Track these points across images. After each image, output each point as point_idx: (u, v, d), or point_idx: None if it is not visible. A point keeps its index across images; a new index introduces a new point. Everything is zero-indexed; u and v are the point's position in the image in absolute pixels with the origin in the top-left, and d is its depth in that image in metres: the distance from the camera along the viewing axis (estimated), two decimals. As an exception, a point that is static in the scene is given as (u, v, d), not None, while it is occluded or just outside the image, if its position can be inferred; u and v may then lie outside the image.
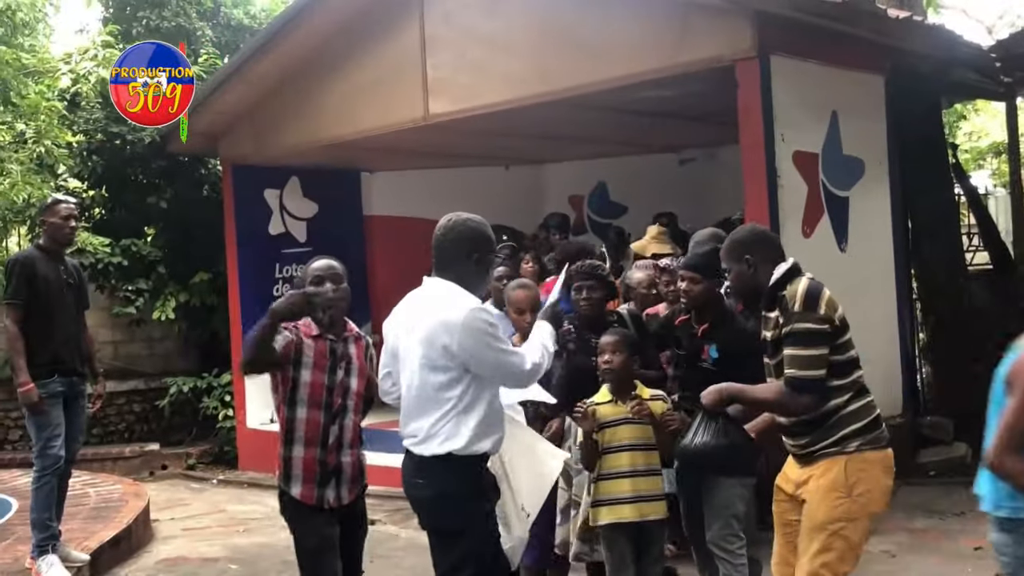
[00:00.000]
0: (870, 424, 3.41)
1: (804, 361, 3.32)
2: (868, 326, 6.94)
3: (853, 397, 3.40)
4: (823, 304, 3.36)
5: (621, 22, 6.56)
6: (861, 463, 3.37)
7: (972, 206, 9.30)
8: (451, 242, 3.52)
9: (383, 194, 10.53)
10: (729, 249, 3.64)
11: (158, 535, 7.07)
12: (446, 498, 3.43)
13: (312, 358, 3.95)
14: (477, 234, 3.55)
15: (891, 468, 3.48)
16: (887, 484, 3.46)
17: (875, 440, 3.41)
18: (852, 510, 3.36)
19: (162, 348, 10.71)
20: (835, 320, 3.37)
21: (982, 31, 20.82)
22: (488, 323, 3.39)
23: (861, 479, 3.36)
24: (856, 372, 3.43)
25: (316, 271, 4.08)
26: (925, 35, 7.14)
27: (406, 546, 6.34)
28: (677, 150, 10.53)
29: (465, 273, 3.50)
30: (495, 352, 3.39)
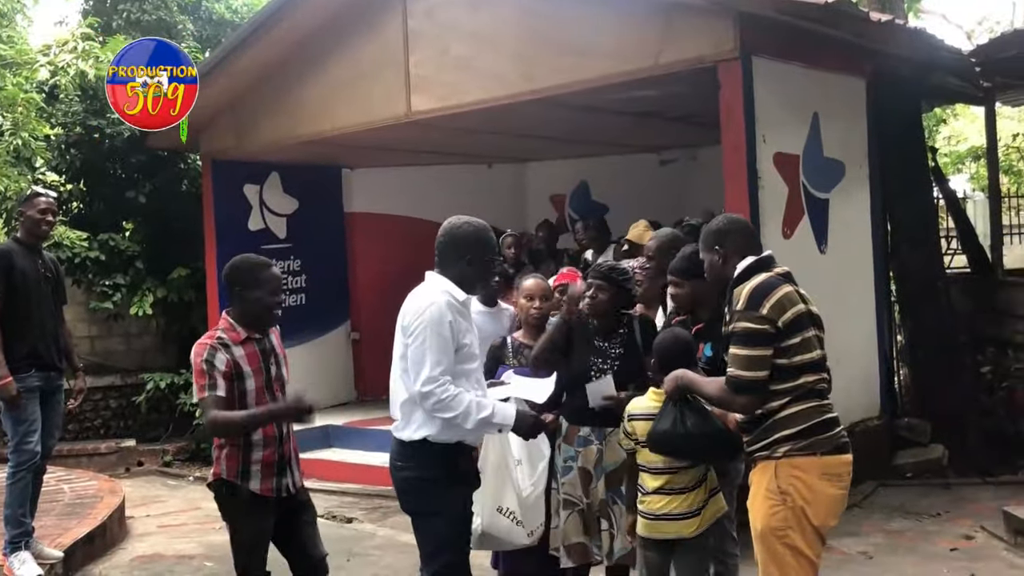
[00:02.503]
0: (808, 429, 3.28)
1: (743, 361, 3.27)
2: (847, 328, 7.00)
3: (792, 401, 3.29)
4: (768, 304, 3.28)
5: (604, 22, 6.56)
6: (792, 469, 3.26)
7: (951, 210, 9.36)
8: (447, 244, 3.70)
9: (364, 191, 10.49)
10: (703, 238, 3.64)
11: (133, 532, 7.02)
12: (422, 481, 3.59)
13: (249, 367, 3.90)
14: (472, 238, 3.70)
15: (836, 475, 3.32)
16: (831, 493, 3.30)
17: (812, 446, 3.27)
18: (790, 518, 3.26)
19: (139, 344, 10.63)
20: (779, 322, 3.27)
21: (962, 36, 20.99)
22: (439, 319, 3.49)
23: (795, 486, 3.25)
24: (804, 377, 3.31)
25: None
26: (906, 39, 7.17)
27: (383, 544, 6.31)
28: (658, 150, 10.55)
29: (460, 273, 3.66)
30: (423, 344, 3.48)
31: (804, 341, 3.32)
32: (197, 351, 3.84)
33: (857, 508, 6.55)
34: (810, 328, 3.36)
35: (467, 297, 3.67)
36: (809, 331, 3.35)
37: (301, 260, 10.03)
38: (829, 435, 3.32)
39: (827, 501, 3.29)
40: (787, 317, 3.28)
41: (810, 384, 3.32)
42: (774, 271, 3.44)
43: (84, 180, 10.26)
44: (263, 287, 3.92)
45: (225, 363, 3.79)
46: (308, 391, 3.88)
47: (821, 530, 3.32)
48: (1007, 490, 6.63)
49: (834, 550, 5.70)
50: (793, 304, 3.33)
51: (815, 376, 3.34)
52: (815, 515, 3.27)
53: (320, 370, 10.01)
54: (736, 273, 3.45)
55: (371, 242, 10.31)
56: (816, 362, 3.35)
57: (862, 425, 7.03)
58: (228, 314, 3.98)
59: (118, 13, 10.74)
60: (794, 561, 3.27)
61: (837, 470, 3.32)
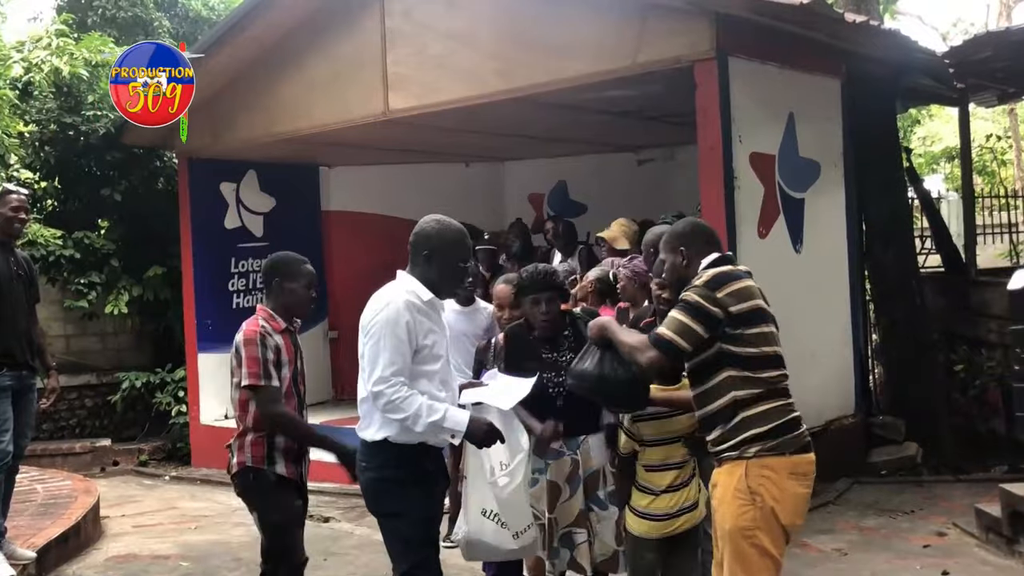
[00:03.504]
0: (776, 429, 3.28)
1: (675, 324, 3.28)
2: (822, 326, 7.07)
3: (760, 397, 3.29)
4: (726, 290, 3.29)
5: (581, 21, 6.58)
6: (761, 469, 3.26)
7: (925, 210, 9.44)
8: (414, 243, 3.65)
9: (342, 189, 10.47)
10: (666, 240, 3.63)
11: (108, 532, 6.97)
12: (384, 482, 3.56)
13: (287, 356, 4.10)
14: (434, 234, 3.62)
15: (804, 475, 3.34)
16: (799, 492, 3.32)
17: (781, 446, 3.28)
18: (759, 518, 3.25)
19: (115, 343, 10.56)
20: (731, 308, 3.27)
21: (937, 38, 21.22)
22: (395, 320, 3.44)
23: (764, 486, 3.25)
24: (771, 371, 3.33)
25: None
26: (881, 40, 7.23)
27: (360, 544, 6.30)
28: (636, 150, 10.58)
29: (424, 273, 3.60)
30: (377, 343, 3.44)
31: (763, 334, 3.34)
32: (249, 337, 4.00)
33: (832, 505, 6.61)
34: (769, 324, 3.39)
35: (432, 297, 3.58)
36: (768, 326, 3.37)
37: (278, 259, 9.97)
38: (796, 434, 3.33)
39: (795, 500, 3.31)
40: (743, 307, 3.30)
41: (774, 381, 3.33)
42: (738, 267, 3.49)
43: (59, 178, 10.19)
44: (300, 279, 4.16)
45: (274, 350, 4.00)
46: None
47: (788, 529, 3.32)
48: (979, 487, 6.68)
49: (809, 547, 5.75)
50: (752, 297, 3.35)
51: (777, 372, 3.35)
52: (784, 515, 3.27)
53: (297, 369, 9.98)
54: (705, 266, 3.47)
55: (349, 241, 10.29)
56: (777, 357, 3.38)
57: (837, 423, 7.08)
58: (265, 305, 4.18)
59: (93, 9, 10.68)
60: (760, 561, 3.27)
61: (804, 469, 3.34)
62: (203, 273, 9.45)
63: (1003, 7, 21.87)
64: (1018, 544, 5.37)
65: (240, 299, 9.70)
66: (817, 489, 6.61)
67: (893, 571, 5.40)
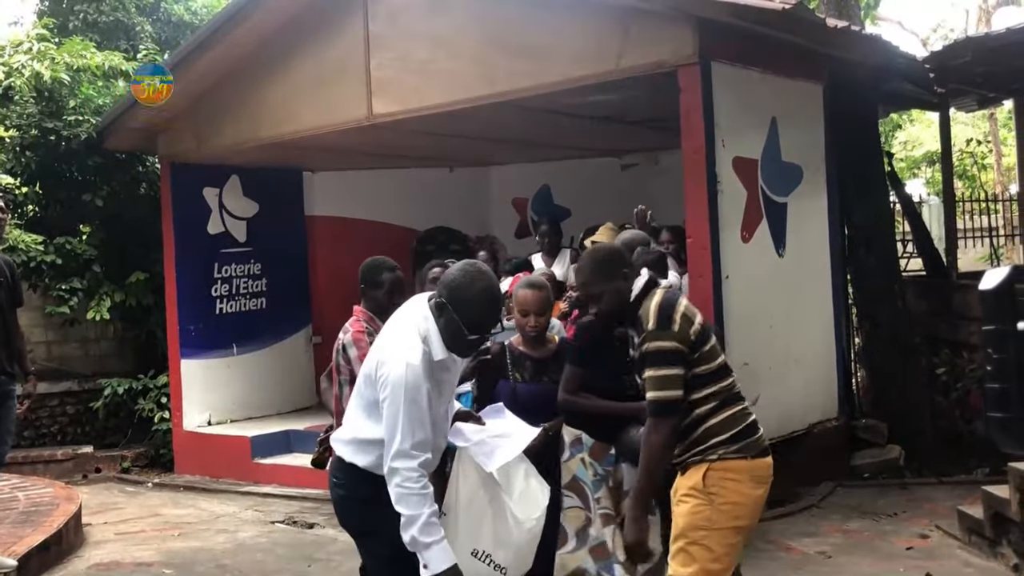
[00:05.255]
0: (738, 433, 3.30)
1: (658, 383, 3.23)
2: (805, 330, 7.10)
3: (720, 407, 3.31)
4: (677, 319, 3.26)
5: (565, 26, 6.59)
6: (723, 471, 3.27)
7: (907, 214, 9.49)
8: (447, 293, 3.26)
9: (326, 194, 10.44)
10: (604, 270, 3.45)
11: (90, 539, 6.92)
12: (353, 501, 3.45)
13: None
14: (462, 304, 3.22)
15: (763, 478, 3.35)
16: (756, 495, 3.32)
17: (744, 449, 3.30)
18: (713, 518, 3.25)
19: (97, 349, 10.49)
20: (691, 335, 3.27)
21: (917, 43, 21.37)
22: (415, 387, 3.18)
23: (724, 488, 3.26)
24: (724, 380, 3.34)
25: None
26: (862, 45, 7.27)
27: (344, 550, 6.27)
28: (620, 154, 10.61)
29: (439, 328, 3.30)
30: (397, 412, 3.18)
31: (713, 347, 3.36)
32: (357, 337, 4.31)
33: (816, 508, 6.63)
34: (711, 333, 3.40)
35: (446, 357, 3.30)
36: (711, 337, 3.39)
37: (261, 264, 9.96)
38: (756, 438, 3.35)
39: (753, 503, 3.32)
40: (697, 326, 3.30)
41: (728, 387, 3.36)
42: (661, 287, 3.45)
43: (40, 183, 10.10)
44: (381, 288, 4.47)
45: None
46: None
47: (743, 531, 3.33)
48: (962, 490, 6.72)
49: (793, 550, 5.77)
50: (695, 314, 3.35)
51: (729, 379, 3.38)
52: (740, 517, 3.29)
53: (281, 374, 9.96)
54: (634, 295, 3.40)
55: (333, 246, 10.25)
56: (726, 364, 3.40)
57: (820, 426, 7.11)
58: (363, 307, 4.50)
59: (74, 14, 10.63)
60: (710, 564, 3.25)
61: (763, 472, 3.35)
62: (186, 279, 9.40)
63: (982, 13, 22.04)
64: (1000, 546, 5.40)
65: (223, 305, 9.66)
66: (800, 492, 6.72)
67: (877, 574, 5.42)
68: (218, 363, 9.55)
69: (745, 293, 6.33)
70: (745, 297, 6.32)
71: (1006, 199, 13.43)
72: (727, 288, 6.16)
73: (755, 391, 4.21)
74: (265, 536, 6.93)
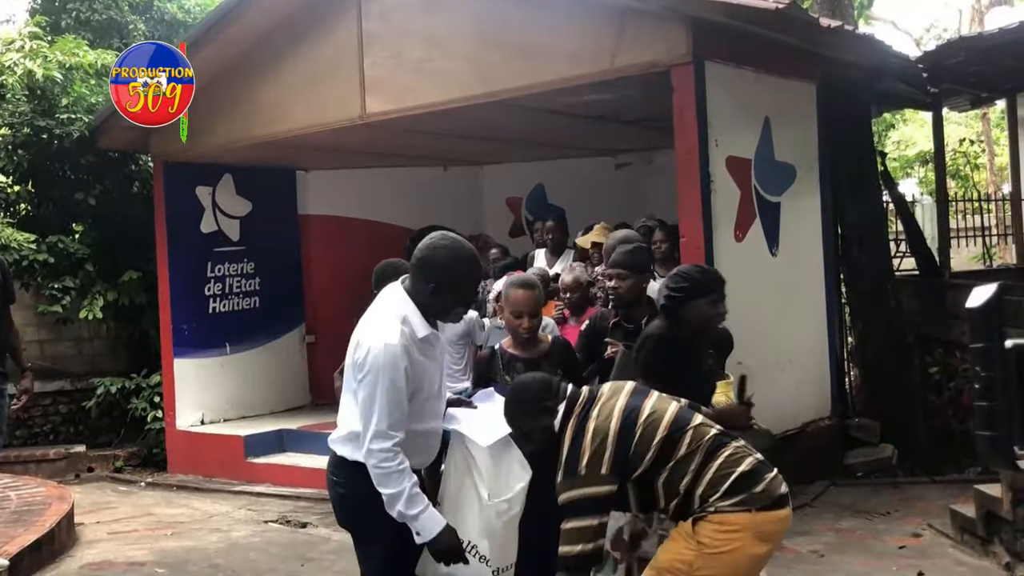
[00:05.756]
0: (734, 486, 3.02)
1: (570, 535, 3.04)
2: (798, 329, 7.11)
3: (700, 469, 3.04)
4: (584, 458, 3.06)
5: (559, 26, 6.59)
6: (719, 524, 3.00)
7: (899, 213, 9.51)
8: (420, 262, 3.34)
9: (319, 193, 10.43)
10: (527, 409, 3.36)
11: (83, 539, 6.90)
12: (356, 498, 3.39)
13: None
14: (447, 264, 3.29)
15: (769, 534, 3.04)
16: (756, 553, 3.02)
17: (746, 501, 3.00)
18: (695, 564, 3.01)
19: (90, 348, 10.47)
20: (604, 464, 3.02)
21: (910, 43, 21.40)
22: (392, 366, 3.19)
23: (716, 539, 2.99)
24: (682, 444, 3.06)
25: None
26: (855, 44, 7.28)
27: (337, 549, 6.26)
28: (614, 154, 10.61)
29: (424, 299, 3.34)
30: (374, 390, 3.19)
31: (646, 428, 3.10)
32: None
33: (809, 507, 6.64)
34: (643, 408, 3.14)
35: (429, 333, 3.32)
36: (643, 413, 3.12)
37: (255, 263, 9.94)
38: (762, 488, 3.04)
39: (750, 563, 3.05)
40: (609, 453, 3.06)
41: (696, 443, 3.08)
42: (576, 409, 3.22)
43: (32, 181, 10.08)
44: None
45: None
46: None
47: None
48: (954, 488, 6.73)
49: (786, 548, 5.77)
50: (606, 432, 3.09)
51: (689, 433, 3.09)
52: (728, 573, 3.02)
53: (274, 373, 9.95)
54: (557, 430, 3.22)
55: (326, 245, 10.25)
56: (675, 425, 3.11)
57: (813, 425, 7.12)
58: None
59: (67, 12, 10.60)
60: None
61: (772, 528, 3.05)
62: (179, 278, 9.38)
63: (975, 13, 22.08)
64: (992, 545, 5.41)
65: (216, 304, 9.64)
66: (794, 491, 6.67)
67: (869, 572, 5.43)
68: (211, 362, 9.54)
69: (738, 292, 6.29)
70: (738, 296, 6.27)
71: (999, 198, 13.43)
72: (720, 287, 6.16)
73: (749, 390, 4.21)
74: (258, 535, 6.92)
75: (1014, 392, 2.39)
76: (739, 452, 3.09)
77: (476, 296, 3.50)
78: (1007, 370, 2.37)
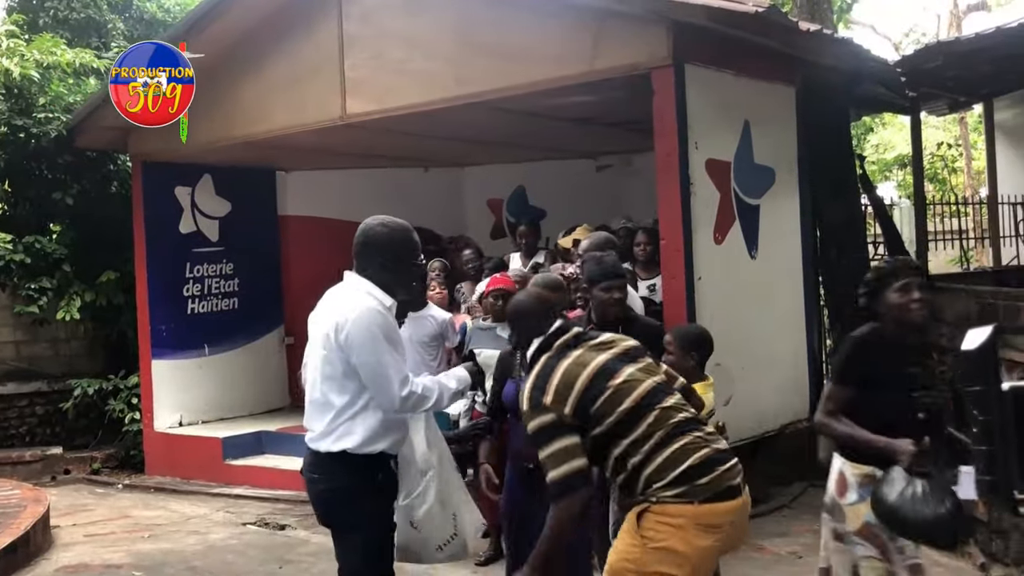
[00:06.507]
0: (682, 475, 2.97)
1: (554, 458, 3.00)
2: (777, 331, 7.14)
3: (654, 450, 3.00)
4: (550, 390, 3.05)
5: (539, 27, 6.59)
6: (660, 515, 2.96)
7: (878, 216, 9.56)
8: (362, 246, 3.56)
9: (299, 194, 10.39)
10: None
11: (58, 542, 6.85)
12: (339, 493, 3.47)
13: None
14: (385, 238, 3.55)
15: (713, 526, 2.97)
16: (702, 545, 2.96)
17: (689, 493, 2.96)
18: (644, 561, 2.97)
19: (67, 349, 10.39)
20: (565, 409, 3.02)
21: (889, 47, 21.56)
22: (381, 325, 3.40)
23: (659, 532, 2.95)
24: (646, 419, 3.03)
25: None
26: (835, 48, 7.32)
27: (316, 551, 6.25)
28: (595, 156, 10.63)
29: (377, 275, 3.53)
30: (376, 355, 3.36)
31: (612, 394, 3.06)
32: None
33: (787, 509, 6.67)
34: (618, 372, 3.11)
35: (393, 302, 3.53)
36: (617, 377, 3.09)
37: (234, 264, 9.90)
38: (708, 480, 2.99)
39: (697, 554, 2.97)
40: (575, 392, 3.05)
41: (658, 424, 3.04)
42: (556, 345, 3.24)
43: (9, 181, 10.00)
44: None
45: None
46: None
47: None
48: (930, 490, 6.76)
49: (764, 550, 5.80)
50: (577, 373, 3.09)
51: (655, 412, 3.05)
52: (679, 566, 2.95)
53: (253, 375, 9.91)
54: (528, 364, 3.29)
55: (306, 246, 10.20)
56: (645, 400, 3.07)
57: (792, 426, 7.15)
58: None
59: (45, 11, 10.53)
60: None
61: (716, 520, 2.98)
62: (157, 278, 9.33)
63: (953, 18, 22.28)
64: (968, 545, 5.44)
65: (195, 304, 9.59)
66: (772, 493, 6.75)
67: (847, 573, 5.46)
68: (189, 363, 9.49)
69: (718, 294, 6.35)
70: (718, 298, 6.34)
71: (976, 202, 13.56)
72: (700, 289, 6.19)
73: (728, 392, 4.22)
74: (236, 538, 6.88)
75: (1012, 435, 2.36)
76: (697, 442, 3.04)
77: (422, 268, 3.81)
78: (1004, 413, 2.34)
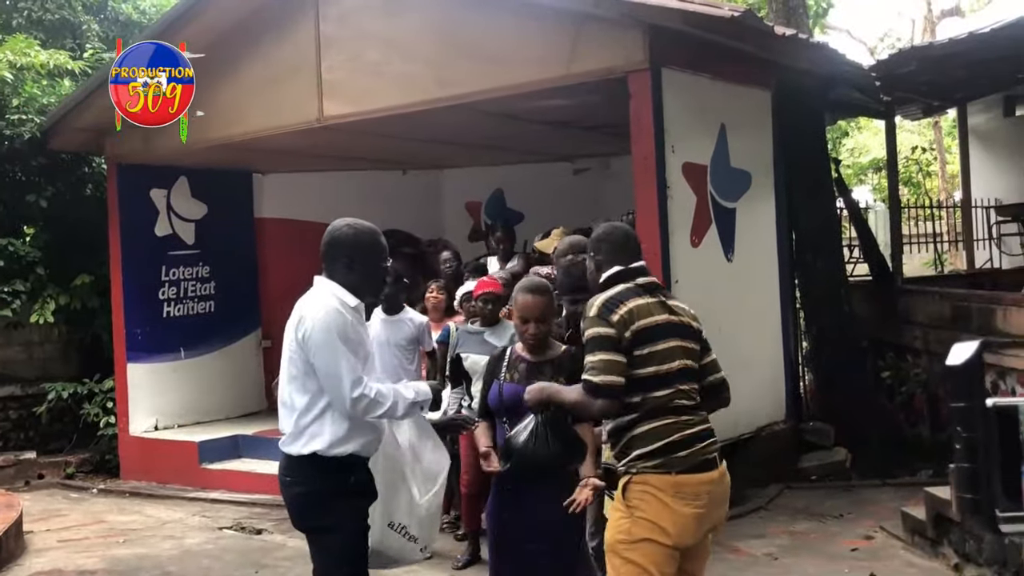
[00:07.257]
0: (663, 448, 3.17)
1: (597, 366, 3.17)
2: (753, 333, 7.17)
3: (644, 417, 3.20)
4: (617, 314, 3.22)
5: (517, 30, 6.60)
6: (642, 484, 3.17)
7: (853, 219, 9.64)
8: (329, 247, 3.59)
9: (276, 196, 10.34)
10: (589, 244, 3.60)
11: (31, 547, 6.78)
12: (312, 496, 3.48)
13: None
14: (351, 239, 3.58)
15: (693, 495, 3.17)
16: (685, 512, 3.16)
17: (666, 464, 3.16)
18: (633, 531, 3.17)
19: (41, 352, 10.28)
20: (625, 333, 3.19)
21: (864, 52, 21.74)
22: (340, 325, 3.40)
23: (643, 501, 3.16)
24: (654, 392, 3.21)
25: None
26: (810, 53, 7.38)
27: (293, 555, 6.22)
28: (572, 159, 10.65)
29: (344, 277, 3.55)
30: (332, 354, 3.37)
31: (653, 353, 3.23)
32: None
33: (763, 510, 6.71)
34: (668, 339, 3.28)
35: (359, 303, 3.55)
36: (664, 343, 3.26)
37: (210, 267, 9.84)
38: (686, 453, 3.19)
39: (680, 520, 3.16)
40: (635, 327, 3.22)
41: (662, 400, 3.22)
42: (636, 282, 3.36)
43: (-19, 183, 9.90)
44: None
45: None
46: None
47: (674, 548, 3.19)
48: (906, 491, 6.82)
49: (740, 552, 5.83)
50: (643, 316, 3.25)
51: (666, 391, 3.23)
52: (665, 534, 3.15)
53: (230, 378, 9.85)
54: (600, 281, 3.40)
55: (283, 248, 10.14)
56: (668, 375, 3.24)
57: (768, 429, 7.19)
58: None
59: (18, 11, 10.43)
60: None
61: (693, 490, 3.18)
62: (132, 281, 9.26)
63: (927, 23, 22.49)
64: (942, 546, 5.50)
65: (171, 308, 9.53)
66: (748, 495, 6.78)
67: (822, 574, 5.49)
68: (165, 367, 9.42)
69: (694, 297, 6.31)
70: (694, 301, 6.23)
71: (950, 205, 13.69)
72: (676, 292, 6.19)
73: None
74: (212, 542, 6.84)
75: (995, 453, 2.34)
76: (685, 425, 3.22)
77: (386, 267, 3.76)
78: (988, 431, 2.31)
